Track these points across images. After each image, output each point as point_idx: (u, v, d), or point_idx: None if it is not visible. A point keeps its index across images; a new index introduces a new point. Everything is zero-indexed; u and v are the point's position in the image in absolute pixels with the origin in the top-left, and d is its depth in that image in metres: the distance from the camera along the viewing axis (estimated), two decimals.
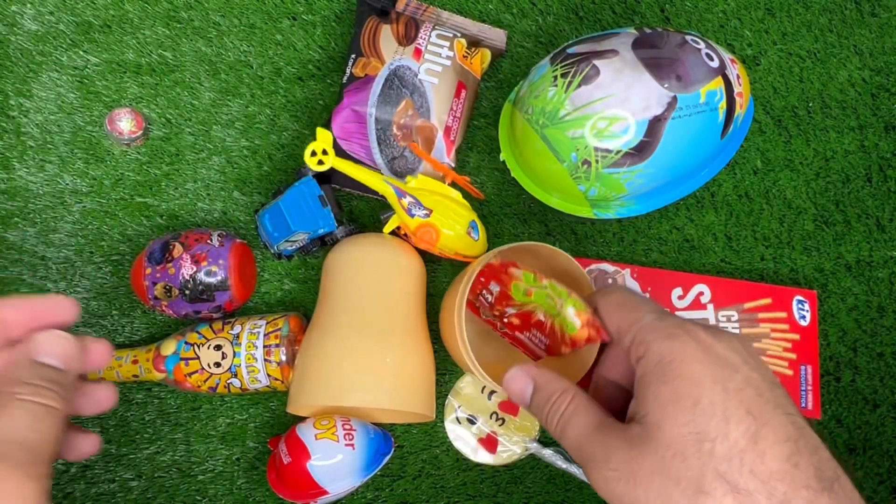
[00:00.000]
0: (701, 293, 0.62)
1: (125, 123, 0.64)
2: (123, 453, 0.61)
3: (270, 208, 0.60)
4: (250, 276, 0.62)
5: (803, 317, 0.62)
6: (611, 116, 0.52)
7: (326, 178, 0.61)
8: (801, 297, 0.63)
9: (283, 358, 0.57)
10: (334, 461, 0.55)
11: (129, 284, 0.63)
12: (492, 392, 0.63)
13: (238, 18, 0.68)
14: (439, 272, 0.65)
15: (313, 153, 0.57)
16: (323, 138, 0.57)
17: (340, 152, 0.62)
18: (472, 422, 0.62)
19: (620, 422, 0.33)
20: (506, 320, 0.52)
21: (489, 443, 0.62)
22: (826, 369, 0.64)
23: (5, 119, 0.65)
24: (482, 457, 0.62)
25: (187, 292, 0.57)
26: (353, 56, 0.63)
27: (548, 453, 0.61)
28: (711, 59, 0.54)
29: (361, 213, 0.65)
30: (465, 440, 0.62)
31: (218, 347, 0.57)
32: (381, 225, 0.60)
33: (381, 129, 0.62)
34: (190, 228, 0.63)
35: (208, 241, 0.59)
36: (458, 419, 0.62)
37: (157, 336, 0.63)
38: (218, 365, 0.57)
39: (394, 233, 0.61)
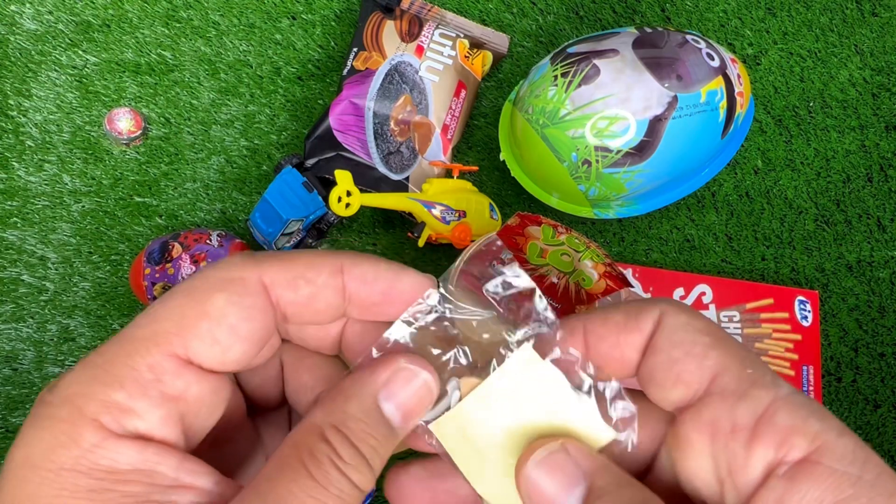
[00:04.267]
0: (703, 293, 0.62)
1: (124, 123, 0.64)
2: None
3: (259, 206, 0.60)
4: None
5: (805, 317, 0.62)
6: (611, 116, 0.52)
7: (305, 169, 0.61)
8: (802, 298, 0.63)
9: None
10: None
11: (129, 284, 0.63)
12: None
13: (237, 18, 0.68)
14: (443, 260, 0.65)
15: (339, 199, 0.53)
16: (343, 180, 0.53)
17: (336, 144, 0.62)
18: None
19: None
20: None
21: None
22: (827, 369, 0.64)
23: (4, 119, 0.65)
24: None
25: None
26: (354, 49, 0.63)
27: None
28: (712, 59, 0.54)
29: (361, 211, 0.65)
30: None
31: None
32: (410, 237, 0.59)
33: (379, 123, 0.62)
34: (189, 228, 0.63)
35: (207, 242, 0.59)
36: None
37: None
38: None
39: (428, 242, 0.60)
